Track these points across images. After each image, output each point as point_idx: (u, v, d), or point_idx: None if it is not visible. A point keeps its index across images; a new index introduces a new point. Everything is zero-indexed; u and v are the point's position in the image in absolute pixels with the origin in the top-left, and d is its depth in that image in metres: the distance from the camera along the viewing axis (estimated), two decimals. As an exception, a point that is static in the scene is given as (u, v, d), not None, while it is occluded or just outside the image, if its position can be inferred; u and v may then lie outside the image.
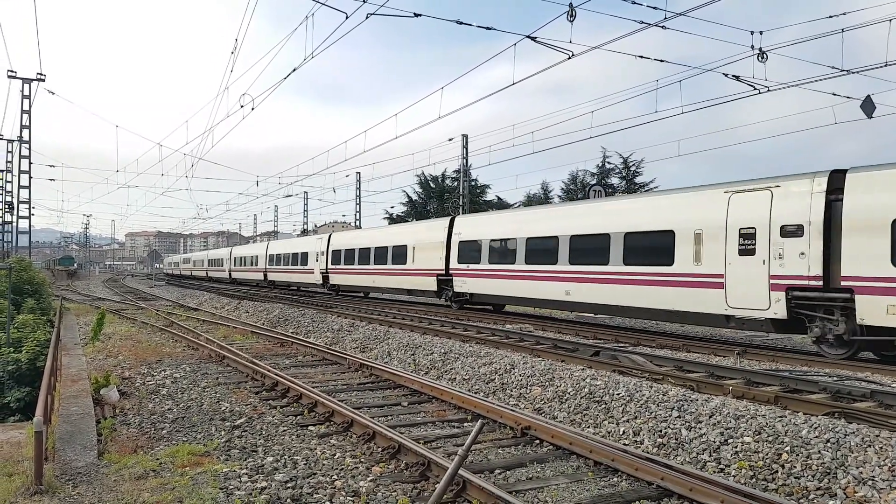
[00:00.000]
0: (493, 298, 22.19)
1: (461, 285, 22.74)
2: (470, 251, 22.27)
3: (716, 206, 13.55)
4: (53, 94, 40.92)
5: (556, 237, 18.41)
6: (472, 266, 22.07)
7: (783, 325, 12.68)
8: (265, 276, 45.19)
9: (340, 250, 33.03)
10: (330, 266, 34.12)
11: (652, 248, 15.22)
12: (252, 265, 49.48)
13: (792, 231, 12.09)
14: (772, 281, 12.31)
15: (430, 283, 24.54)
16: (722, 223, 13.32)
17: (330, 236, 35.50)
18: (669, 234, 14.68)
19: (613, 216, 16.87)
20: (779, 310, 12.23)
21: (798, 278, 11.97)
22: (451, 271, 23.24)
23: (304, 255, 37.79)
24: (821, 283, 11.69)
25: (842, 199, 11.51)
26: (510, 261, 20.41)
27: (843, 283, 11.38)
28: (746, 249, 12.81)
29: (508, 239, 20.70)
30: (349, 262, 31.82)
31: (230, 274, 55.81)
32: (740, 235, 12.97)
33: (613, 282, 16.22)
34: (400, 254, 26.88)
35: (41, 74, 38.11)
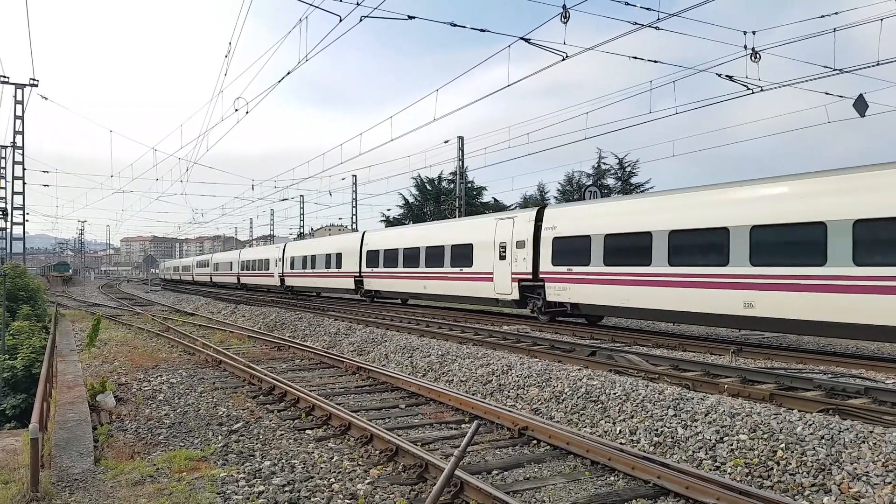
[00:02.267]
0: (617, 311, 17.08)
1: (559, 293, 18.08)
2: (571, 250, 17.64)
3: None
4: (46, 99, 40.87)
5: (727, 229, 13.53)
6: (575, 269, 17.43)
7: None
8: (282, 281, 41.40)
9: (378, 250, 29.10)
10: (365, 269, 30.19)
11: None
12: (264, 269, 45.53)
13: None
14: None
15: (506, 289, 20.12)
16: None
17: (364, 234, 31.56)
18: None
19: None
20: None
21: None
22: (541, 275, 18.78)
23: (336, 257, 33.58)
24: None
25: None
26: (634, 261, 15.62)
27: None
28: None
29: (630, 234, 15.83)
30: (390, 264, 28.00)
31: (239, 279, 51.96)
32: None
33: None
34: (462, 255, 22.47)
35: (34, 80, 38.02)
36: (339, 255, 32.88)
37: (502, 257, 20.31)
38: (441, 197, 49.85)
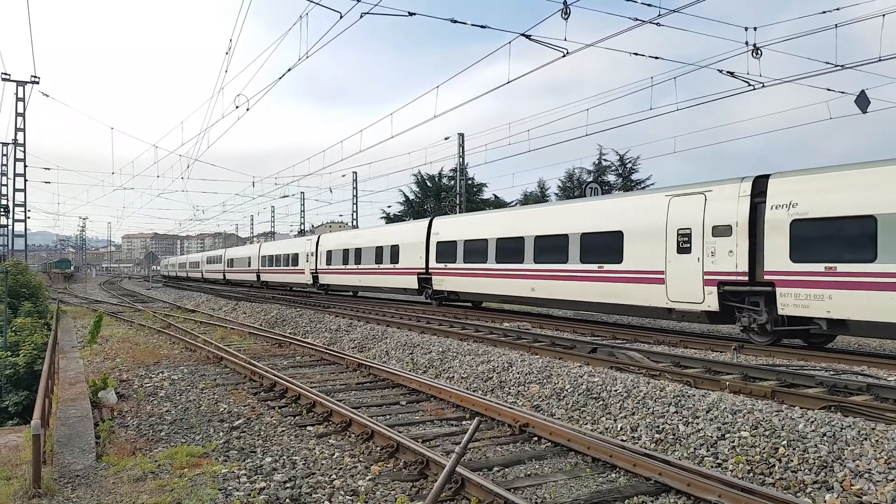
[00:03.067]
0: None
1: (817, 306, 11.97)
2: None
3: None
4: (48, 96, 40.81)
5: None
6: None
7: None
8: (315, 278, 35.90)
9: (454, 241, 23.04)
10: (434, 265, 24.32)
11: None
12: (292, 265, 39.49)
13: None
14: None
15: (694, 295, 13.99)
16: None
17: (432, 222, 25.33)
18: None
19: None
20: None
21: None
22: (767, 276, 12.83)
23: (392, 250, 27.35)
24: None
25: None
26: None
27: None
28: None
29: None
30: (474, 258, 21.87)
31: (259, 276, 46.46)
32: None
33: None
34: (605, 247, 16.60)
35: (35, 77, 38.07)
36: (395, 248, 27.16)
37: (685, 249, 14.34)
38: (441, 194, 49.83)
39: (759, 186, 13.16)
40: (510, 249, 20.06)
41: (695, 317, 14.61)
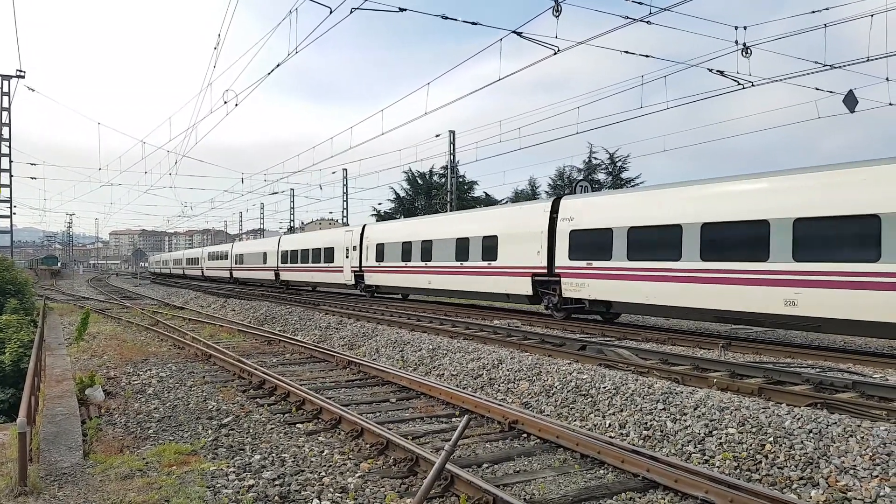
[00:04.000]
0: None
1: None
2: None
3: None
4: (34, 91, 40.37)
5: None
6: None
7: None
8: (359, 278, 29.62)
9: (606, 230, 16.29)
10: (565, 263, 17.60)
11: None
12: (326, 262, 32.90)
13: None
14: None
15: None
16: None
17: (558, 203, 18.36)
18: None
19: None
20: None
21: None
22: None
23: (485, 243, 21.15)
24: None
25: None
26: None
27: None
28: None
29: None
30: (642, 252, 15.39)
31: (278, 275, 40.12)
32: None
33: None
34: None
35: (21, 71, 37.63)
36: (491, 240, 20.62)
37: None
38: (432, 191, 49.81)
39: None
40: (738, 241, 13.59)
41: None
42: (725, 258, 13.54)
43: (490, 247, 20.74)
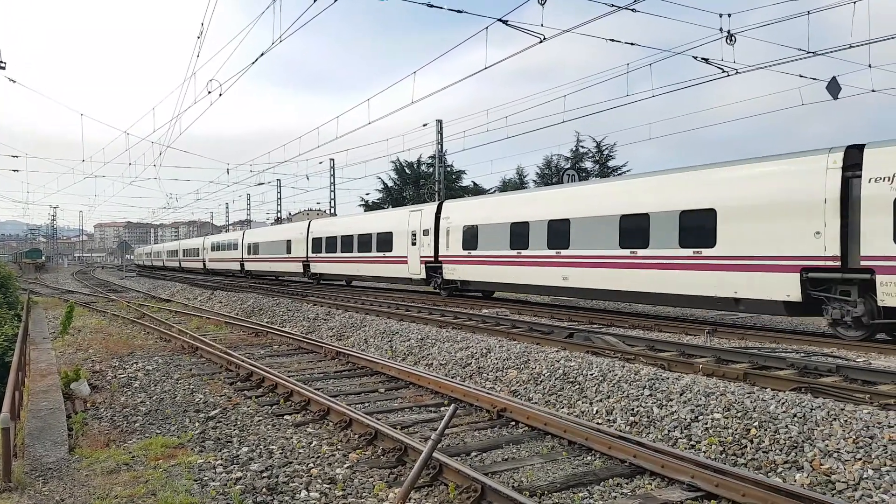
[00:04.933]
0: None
1: None
2: None
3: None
4: (14, 82, 39.65)
5: None
6: None
7: None
8: (433, 270, 23.76)
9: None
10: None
11: None
12: (378, 251, 26.99)
13: None
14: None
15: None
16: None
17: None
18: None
19: None
20: None
21: None
22: None
23: (638, 224, 15.69)
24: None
25: None
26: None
27: None
28: None
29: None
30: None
31: (308, 267, 33.87)
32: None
33: None
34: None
35: (1, 63, 36.97)
36: (644, 221, 15.34)
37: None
38: (420, 181, 49.69)
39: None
40: None
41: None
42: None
43: (644, 228, 15.54)
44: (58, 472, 6.07)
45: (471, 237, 21.60)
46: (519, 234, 19.38)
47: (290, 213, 78.13)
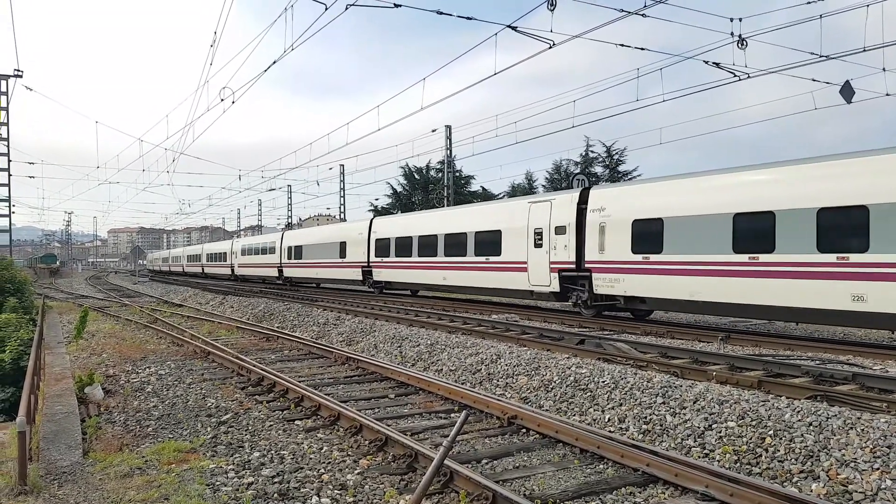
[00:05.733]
0: None
1: None
2: None
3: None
4: (31, 90, 40.27)
5: None
6: None
7: None
8: (569, 282, 17.73)
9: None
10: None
11: None
12: (482, 254, 21.16)
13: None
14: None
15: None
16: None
17: None
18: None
19: None
20: None
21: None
22: None
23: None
24: None
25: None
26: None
27: None
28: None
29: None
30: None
31: (369, 273, 28.15)
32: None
33: None
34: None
35: (18, 71, 37.41)
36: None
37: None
38: (429, 186, 49.72)
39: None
40: None
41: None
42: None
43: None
44: (72, 476, 6.10)
45: (641, 236, 15.48)
46: (746, 229, 13.33)
47: (300, 219, 78.49)
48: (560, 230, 17.90)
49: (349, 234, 30.77)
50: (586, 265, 16.95)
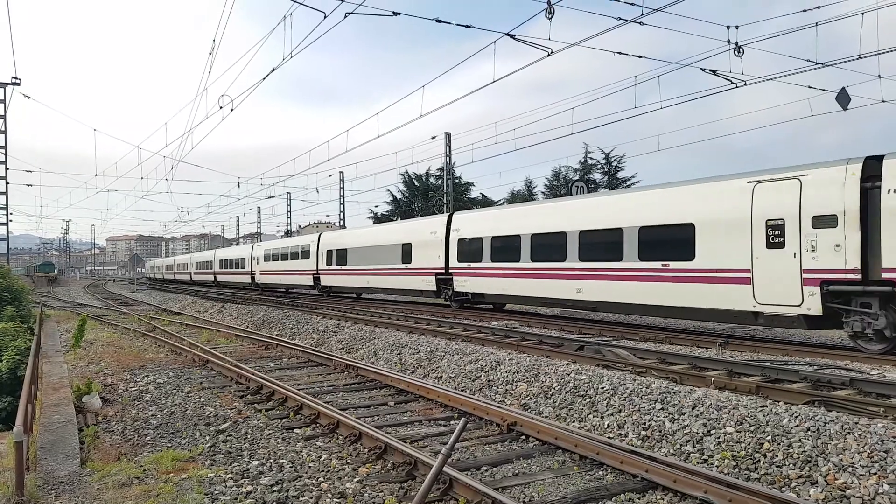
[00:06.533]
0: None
1: None
2: None
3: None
4: (29, 98, 40.29)
5: None
6: None
7: None
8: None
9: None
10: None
11: None
12: (695, 266, 14.10)
13: None
14: None
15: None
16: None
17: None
18: None
19: None
20: None
21: None
22: None
23: None
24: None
25: None
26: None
27: None
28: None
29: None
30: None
31: (447, 282, 23.05)
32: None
33: None
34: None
35: (16, 79, 37.53)
36: None
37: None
38: (429, 193, 49.79)
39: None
40: None
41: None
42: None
43: None
44: (70, 486, 6.09)
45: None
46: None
47: (299, 226, 78.47)
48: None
49: (417, 233, 25.05)
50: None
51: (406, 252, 25.37)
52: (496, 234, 20.79)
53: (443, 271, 23.16)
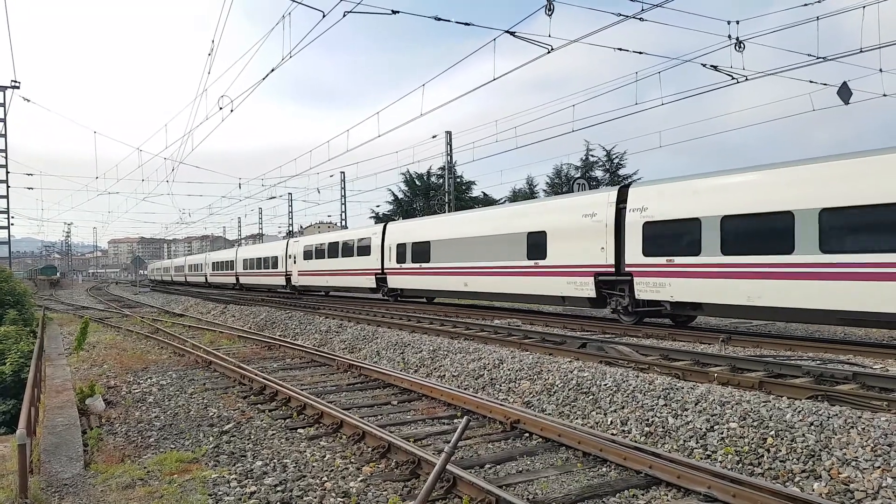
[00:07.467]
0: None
1: None
2: None
3: None
4: (29, 101, 40.40)
5: None
6: None
7: None
8: None
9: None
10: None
11: None
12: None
13: None
14: None
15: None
16: None
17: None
18: None
19: None
20: None
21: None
22: None
23: None
24: None
25: None
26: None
27: None
28: None
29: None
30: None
31: (620, 288, 15.85)
32: None
33: None
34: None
35: (16, 82, 37.58)
36: None
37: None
38: (430, 192, 49.78)
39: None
40: None
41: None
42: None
43: None
44: (73, 488, 6.10)
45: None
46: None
47: (301, 227, 78.49)
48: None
49: (551, 217, 18.31)
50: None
51: (533, 244, 18.85)
52: (722, 213, 13.79)
53: (612, 269, 16.23)
